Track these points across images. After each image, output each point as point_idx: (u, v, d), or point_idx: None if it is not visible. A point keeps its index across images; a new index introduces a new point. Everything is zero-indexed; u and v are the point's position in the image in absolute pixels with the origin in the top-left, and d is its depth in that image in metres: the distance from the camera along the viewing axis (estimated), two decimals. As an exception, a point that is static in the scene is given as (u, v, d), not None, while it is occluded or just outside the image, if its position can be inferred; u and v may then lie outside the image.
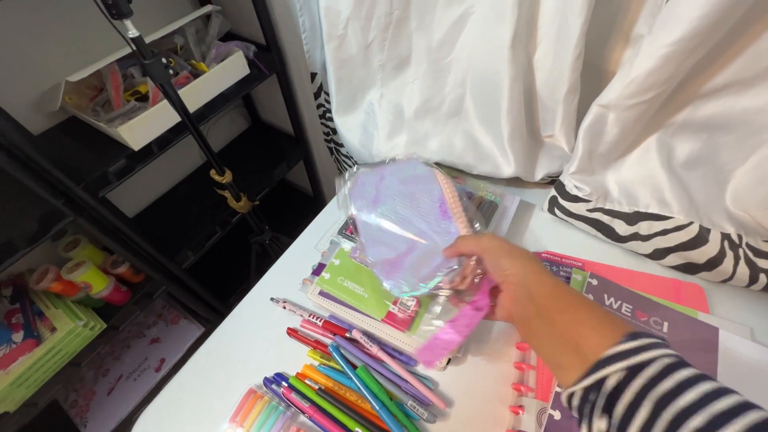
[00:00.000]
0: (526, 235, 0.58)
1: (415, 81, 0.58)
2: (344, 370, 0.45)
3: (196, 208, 1.04)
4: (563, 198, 0.58)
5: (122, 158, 0.70)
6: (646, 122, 0.51)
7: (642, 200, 0.54)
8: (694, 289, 0.48)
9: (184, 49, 0.82)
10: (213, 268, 1.21)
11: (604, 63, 0.53)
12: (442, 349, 0.40)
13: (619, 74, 0.45)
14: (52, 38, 0.72)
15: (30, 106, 0.73)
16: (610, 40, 0.50)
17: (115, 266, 0.87)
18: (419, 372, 0.46)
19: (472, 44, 0.52)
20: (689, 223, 0.51)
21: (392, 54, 0.56)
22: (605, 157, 0.54)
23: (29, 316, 0.77)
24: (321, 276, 0.50)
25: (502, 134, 0.54)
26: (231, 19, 0.90)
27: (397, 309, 0.46)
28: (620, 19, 0.48)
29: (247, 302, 0.55)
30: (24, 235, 0.64)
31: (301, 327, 0.50)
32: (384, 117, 0.61)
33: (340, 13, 0.51)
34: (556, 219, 0.60)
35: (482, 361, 0.46)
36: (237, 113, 1.23)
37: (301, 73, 0.99)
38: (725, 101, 0.46)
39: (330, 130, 0.88)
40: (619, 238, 0.55)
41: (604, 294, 0.46)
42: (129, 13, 0.48)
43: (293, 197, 1.49)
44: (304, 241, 0.61)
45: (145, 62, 0.53)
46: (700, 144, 0.51)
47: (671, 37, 0.38)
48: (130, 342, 1.13)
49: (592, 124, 0.50)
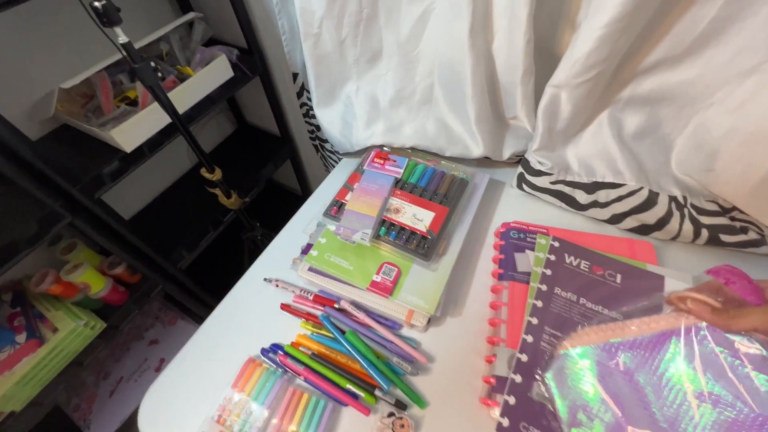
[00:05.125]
0: (497, 210, 0.63)
1: (387, 73, 0.62)
2: (335, 336, 0.49)
3: (188, 209, 1.08)
4: (529, 173, 0.63)
5: (115, 160, 0.73)
6: (596, 99, 0.56)
7: (599, 171, 0.60)
8: (645, 245, 0.54)
9: (170, 55, 0.85)
10: (207, 268, 1.24)
11: (555, 47, 0.58)
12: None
13: (564, 57, 0.50)
14: (43, 49, 0.75)
15: (24, 115, 0.76)
16: (559, 27, 0.56)
17: (112, 267, 0.90)
18: (403, 334, 0.50)
19: (435, 37, 0.57)
20: (639, 188, 0.57)
21: (365, 49, 0.60)
22: (563, 133, 0.60)
23: (31, 318, 0.79)
24: (309, 254, 0.54)
25: (469, 118, 0.60)
26: (213, 25, 0.94)
27: (380, 278, 0.51)
28: (566, 8, 0.54)
29: (243, 284, 0.59)
30: (24, 236, 0.67)
31: (293, 302, 0.54)
32: (361, 107, 0.65)
33: (314, 12, 0.56)
34: (524, 194, 0.65)
35: (459, 321, 0.51)
36: (223, 117, 1.27)
37: (283, 74, 1.03)
38: (661, 76, 0.52)
39: (314, 127, 0.93)
40: (580, 207, 0.61)
41: (564, 254, 0.52)
42: (119, 21, 0.52)
43: (283, 198, 1.52)
44: (292, 228, 0.65)
45: (135, 66, 0.57)
46: (645, 117, 0.57)
47: (602, 20, 0.43)
48: (129, 344, 1.15)
49: (548, 104, 0.56)
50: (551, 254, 0.52)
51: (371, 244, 0.53)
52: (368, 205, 0.54)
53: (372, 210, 0.54)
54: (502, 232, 0.57)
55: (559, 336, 0.44)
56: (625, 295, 0.47)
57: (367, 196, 0.56)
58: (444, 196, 0.57)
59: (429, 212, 0.54)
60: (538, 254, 0.53)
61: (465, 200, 0.58)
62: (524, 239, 0.56)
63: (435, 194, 0.57)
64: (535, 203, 0.64)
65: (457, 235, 0.55)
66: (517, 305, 0.48)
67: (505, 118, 0.65)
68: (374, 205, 0.54)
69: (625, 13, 0.42)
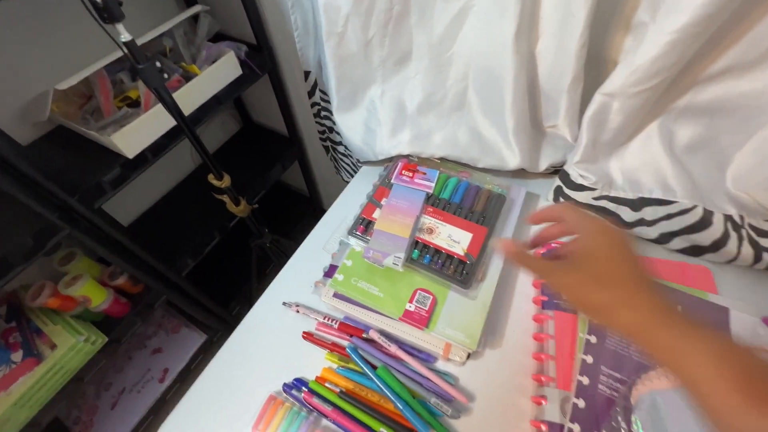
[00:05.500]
0: (534, 227, 0.58)
1: (416, 76, 0.57)
2: (364, 371, 0.45)
3: (192, 214, 1.02)
4: (568, 187, 0.58)
5: (117, 167, 0.68)
6: (649, 109, 0.51)
7: (645, 186, 0.55)
8: (701, 271, 0.49)
9: (173, 51, 0.79)
10: (212, 273, 1.19)
11: (604, 51, 0.53)
12: None
13: (623, 62, 0.45)
14: (36, 45, 0.69)
15: (15, 116, 0.70)
16: (611, 28, 0.51)
17: (114, 278, 0.85)
18: (439, 368, 0.46)
19: (473, 38, 0.51)
20: (693, 206, 0.52)
21: (393, 50, 0.55)
22: (608, 145, 0.55)
23: (27, 334, 0.74)
24: (334, 278, 0.49)
25: (506, 127, 0.54)
26: (220, 19, 0.87)
27: (414, 307, 0.46)
28: (621, 7, 0.48)
29: (259, 308, 0.54)
30: (18, 251, 0.61)
31: (316, 330, 0.50)
32: (386, 113, 0.60)
33: (340, 9, 0.50)
34: (561, 208, 0.60)
35: (500, 353, 0.47)
36: (228, 115, 1.21)
37: (293, 72, 0.97)
38: (725, 85, 0.47)
39: (326, 128, 0.87)
40: (625, 225, 0.56)
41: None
42: (121, 16, 0.46)
43: (289, 198, 1.47)
44: (310, 243, 0.60)
45: (139, 67, 0.51)
46: (701, 128, 0.52)
47: (677, 24, 0.38)
48: (131, 353, 1.11)
49: (595, 113, 0.51)
50: None
51: (404, 268, 0.48)
52: (399, 225, 0.49)
53: (404, 230, 0.49)
54: (543, 253, 0.52)
55: (619, 378, 0.40)
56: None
57: (397, 215, 0.51)
58: (481, 214, 0.52)
59: (466, 233, 0.50)
60: None
61: (503, 218, 0.53)
62: (568, 262, 0.51)
63: (471, 212, 0.52)
64: (574, 219, 0.59)
65: (496, 257, 0.50)
66: (566, 339, 0.44)
67: (542, 126, 0.59)
68: (406, 225, 0.49)
69: (704, 17, 0.37)
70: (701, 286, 0.47)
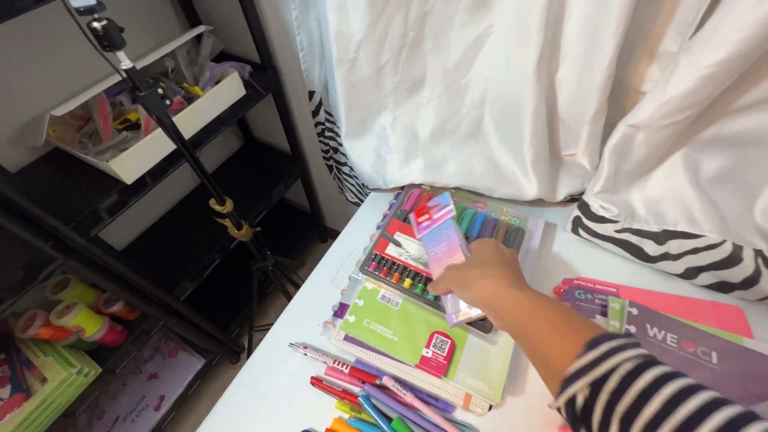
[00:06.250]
0: (554, 261, 0.55)
1: (429, 103, 0.55)
2: (378, 424, 0.41)
3: (191, 235, 0.99)
4: (588, 218, 0.55)
5: (114, 193, 0.65)
6: (674, 140, 0.49)
7: (670, 218, 0.53)
8: (735, 311, 0.47)
9: (176, 71, 0.77)
10: (210, 296, 1.15)
11: (626, 79, 0.51)
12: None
13: (651, 93, 0.43)
14: (33, 66, 0.66)
15: (9, 139, 0.67)
16: (634, 56, 0.49)
17: (109, 305, 0.81)
18: (458, 420, 0.43)
19: (491, 65, 0.49)
20: (722, 241, 0.50)
21: (406, 76, 0.53)
22: (630, 175, 0.53)
23: (16, 367, 0.70)
24: (345, 319, 0.46)
25: (524, 157, 0.52)
26: (224, 38, 0.86)
27: (431, 353, 0.43)
28: (644, 35, 0.46)
29: (264, 349, 0.50)
30: (8, 283, 0.58)
31: (325, 375, 0.46)
32: (398, 141, 0.58)
33: (352, 36, 0.48)
34: (578, 239, 0.58)
35: (523, 401, 0.44)
36: (229, 132, 1.19)
37: (297, 91, 0.95)
38: (756, 117, 0.45)
39: (330, 148, 0.85)
40: (648, 259, 0.53)
41: (646, 324, 0.44)
42: (122, 44, 0.44)
43: (291, 215, 1.44)
44: (319, 276, 0.57)
45: (140, 95, 0.49)
46: (729, 159, 0.49)
47: (714, 57, 0.36)
48: (126, 380, 1.06)
49: (618, 144, 0.48)
50: (630, 324, 0.44)
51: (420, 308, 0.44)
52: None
53: None
54: (565, 290, 0.50)
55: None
56: (727, 380, 0.39)
57: (445, 260, 0.44)
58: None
59: (485, 271, 0.47)
60: (612, 323, 0.45)
61: (522, 253, 0.51)
62: (591, 300, 0.49)
63: (489, 247, 0.49)
64: (595, 251, 0.57)
65: (517, 296, 0.47)
66: (596, 389, 0.41)
67: (560, 154, 0.57)
68: (459, 260, 0.43)
69: (744, 52, 0.35)
70: (735, 329, 0.45)
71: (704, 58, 0.36)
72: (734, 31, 0.34)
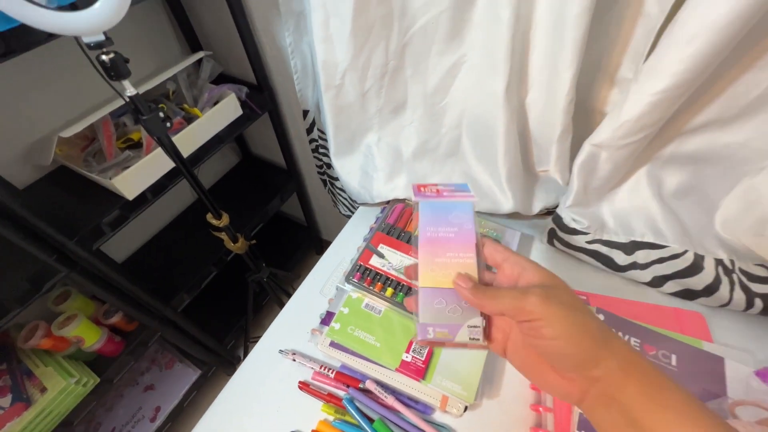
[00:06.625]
0: (529, 269, 0.59)
1: (411, 124, 0.59)
2: (360, 425, 0.44)
3: (188, 248, 1.02)
4: (562, 231, 0.59)
5: (116, 209, 0.69)
6: (637, 157, 0.53)
7: (637, 230, 0.56)
8: (696, 317, 0.50)
9: (176, 93, 0.82)
10: (206, 307, 1.18)
11: (591, 102, 0.55)
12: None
13: (609, 117, 0.47)
14: (41, 90, 0.71)
15: (17, 158, 0.71)
16: (596, 82, 0.53)
17: (108, 316, 0.84)
18: (436, 421, 0.45)
19: (465, 89, 0.54)
20: (684, 251, 0.53)
21: (389, 99, 0.57)
22: (599, 190, 0.56)
23: (17, 377, 0.73)
24: (331, 326, 0.49)
25: (499, 173, 0.56)
26: (222, 61, 0.91)
27: (410, 357, 0.46)
28: (605, 63, 0.51)
29: (255, 355, 0.53)
30: (14, 294, 0.61)
31: (312, 380, 0.49)
32: (383, 158, 0.62)
33: (338, 65, 0.52)
34: (554, 250, 0.61)
35: (497, 404, 0.46)
36: (228, 148, 1.23)
37: (292, 109, 1.00)
38: (708, 137, 0.49)
39: (323, 163, 0.89)
40: (618, 268, 0.57)
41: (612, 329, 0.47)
42: (127, 73, 0.48)
43: (286, 227, 1.48)
44: (308, 287, 0.60)
45: (143, 118, 0.53)
46: (688, 175, 0.53)
47: (657, 87, 0.40)
48: (122, 391, 1.08)
49: (585, 162, 0.52)
50: None
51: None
52: (456, 267, 0.31)
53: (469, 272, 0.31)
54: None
55: None
56: (686, 381, 0.42)
57: (445, 252, 0.32)
58: (476, 260, 0.52)
59: (462, 280, 0.50)
60: None
61: (498, 263, 0.54)
62: (563, 307, 0.52)
63: (466, 258, 0.53)
64: (568, 261, 0.60)
65: (492, 304, 0.50)
66: (564, 390, 0.44)
67: (535, 170, 0.61)
68: (466, 265, 0.31)
69: (682, 82, 0.39)
70: (696, 333, 0.48)
71: (650, 87, 0.40)
72: (673, 63, 0.38)
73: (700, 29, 0.35)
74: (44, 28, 0.39)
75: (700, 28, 0.35)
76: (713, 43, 0.35)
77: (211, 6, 0.84)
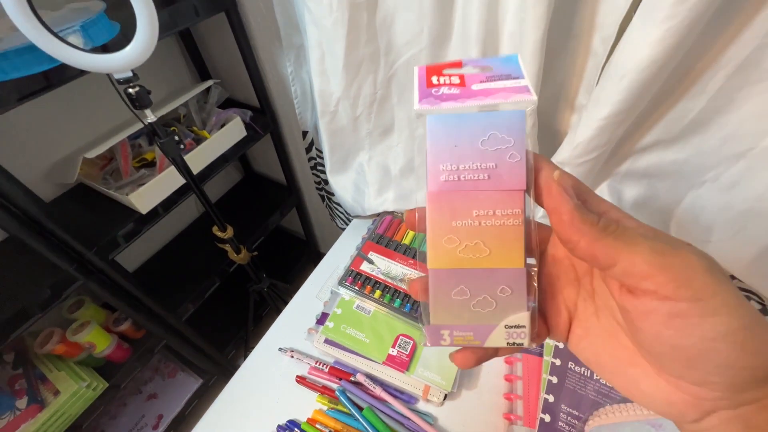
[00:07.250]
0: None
1: (398, 145, 0.66)
2: (351, 413, 0.49)
3: (194, 259, 1.08)
4: (535, 239, 0.65)
5: (131, 222, 0.75)
6: (596, 173, 0.60)
7: (601, 238, 0.62)
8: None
9: (187, 117, 0.90)
10: (209, 318, 1.23)
11: (556, 124, 0.62)
12: None
13: (567, 139, 0.54)
14: (66, 115, 0.79)
15: (42, 176, 0.78)
16: (559, 107, 0.60)
17: (117, 324, 0.89)
18: (419, 409, 0.50)
19: (445, 114, 0.61)
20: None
21: (378, 124, 0.64)
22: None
23: (32, 381, 0.78)
24: (325, 325, 0.55)
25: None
26: (228, 87, 0.99)
27: (396, 351, 0.52)
28: (565, 92, 0.59)
29: (257, 353, 0.59)
30: (37, 301, 0.67)
31: (309, 374, 0.54)
32: (373, 176, 0.68)
33: (332, 94, 0.60)
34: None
35: (475, 394, 0.52)
36: (232, 166, 1.31)
37: (292, 130, 1.08)
38: (657, 155, 0.56)
39: (321, 180, 0.96)
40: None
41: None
42: (149, 103, 0.55)
43: (286, 241, 1.54)
44: (305, 291, 0.66)
45: (160, 141, 0.60)
46: (644, 189, 0.60)
47: (602, 113, 0.47)
48: (126, 399, 1.12)
49: (551, 177, 0.59)
50: (556, 357, 0.53)
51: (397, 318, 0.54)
52: (494, 231, 0.20)
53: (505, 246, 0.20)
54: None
55: (576, 415, 0.45)
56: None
57: (472, 209, 0.20)
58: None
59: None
60: (545, 358, 0.54)
61: (476, 268, 0.60)
62: (535, 307, 0.57)
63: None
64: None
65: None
66: (533, 380, 0.49)
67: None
68: (505, 227, 0.20)
69: (622, 109, 0.46)
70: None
71: (596, 113, 0.48)
72: (612, 94, 0.45)
73: (628, 69, 0.42)
74: (83, 67, 0.47)
75: (628, 68, 0.42)
76: (639, 81, 0.42)
77: (219, 38, 0.93)
